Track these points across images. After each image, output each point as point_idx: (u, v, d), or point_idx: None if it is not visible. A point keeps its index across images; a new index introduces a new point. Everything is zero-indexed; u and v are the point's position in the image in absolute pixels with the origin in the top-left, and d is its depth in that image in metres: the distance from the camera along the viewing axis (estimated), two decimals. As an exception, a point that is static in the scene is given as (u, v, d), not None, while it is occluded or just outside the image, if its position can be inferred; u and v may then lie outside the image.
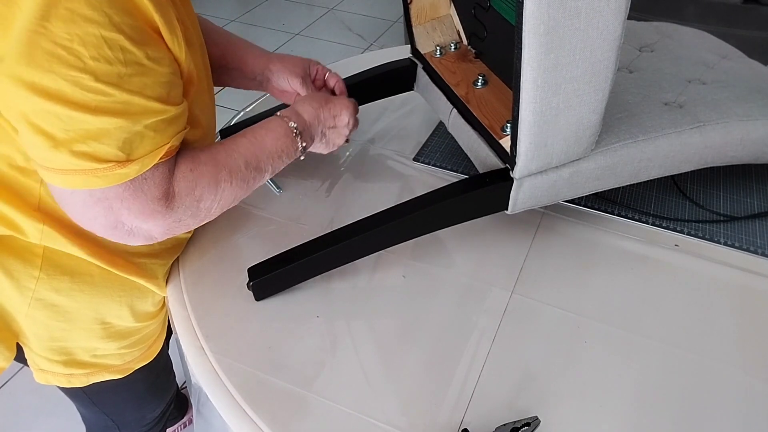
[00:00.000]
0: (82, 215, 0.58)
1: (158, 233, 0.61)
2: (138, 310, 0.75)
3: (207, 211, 0.63)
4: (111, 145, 0.52)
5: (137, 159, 0.54)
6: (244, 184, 0.66)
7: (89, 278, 0.69)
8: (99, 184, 0.54)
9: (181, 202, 0.60)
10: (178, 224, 0.61)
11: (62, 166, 0.52)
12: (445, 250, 0.80)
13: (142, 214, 0.57)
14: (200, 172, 0.62)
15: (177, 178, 0.60)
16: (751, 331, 0.70)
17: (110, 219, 0.57)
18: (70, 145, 0.51)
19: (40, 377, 0.75)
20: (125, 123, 0.52)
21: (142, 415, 0.97)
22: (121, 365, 0.80)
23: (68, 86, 0.49)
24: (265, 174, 0.68)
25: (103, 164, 0.53)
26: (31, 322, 0.69)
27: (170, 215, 0.59)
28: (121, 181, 0.55)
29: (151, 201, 0.57)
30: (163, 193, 0.58)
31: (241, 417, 0.62)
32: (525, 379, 0.65)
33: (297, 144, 0.71)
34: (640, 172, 0.75)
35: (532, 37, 0.56)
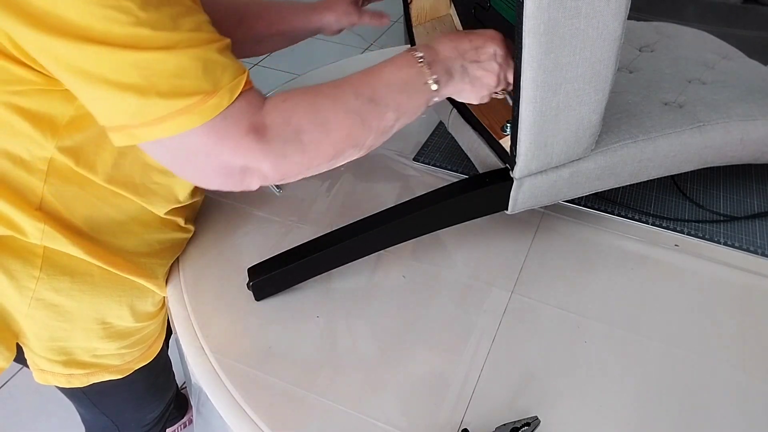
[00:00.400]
0: (193, 167, 0.56)
1: (268, 170, 0.56)
2: (138, 310, 0.75)
3: (315, 145, 0.57)
4: (194, 78, 0.51)
5: (224, 87, 0.53)
6: (357, 117, 0.58)
7: (89, 278, 0.69)
8: (197, 122, 0.52)
9: (277, 133, 0.55)
10: (285, 160, 0.56)
11: (156, 114, 0.51)
12: (445, 250, 0.80)
13: (239, 148, 0.54)
14: (295, 101, 0.57)
15: (267, 110, 0.56)
16: (751, 331, 0.70)
17: (216, 162, 0.55)
18: (156, 87, 0.50)
19: (39, 377, 0.75)
20: (198, 52, 0.51)
21: (142, 416, 0.97)
22: (121, 365, 0.80)
23: (131, 39, 0.49)
24: (386, 109, 0.60)
25: (193, 98, 0.51)
26: (31, 322, 0.69)
27: (269, 149, 0.55)
28: (217, 112, 0.52)
29: (242, 135, 0.54)
30: (251, 126, 0.54)
31: (241, 417, 0.62)
32: (525, 379, 0.65)
33: (425, 76, 0.61)
34: (640, 172, 0.75)
35: (532, 37, 0.56)
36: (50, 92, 0.56)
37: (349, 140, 0.59)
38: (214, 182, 0.57)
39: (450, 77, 0.63)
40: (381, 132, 0.61)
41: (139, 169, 0.67)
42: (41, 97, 0.56)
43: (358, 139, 0.60)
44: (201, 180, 0.58)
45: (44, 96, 0.56)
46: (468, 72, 0.64)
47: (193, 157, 0.55)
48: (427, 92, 0.62)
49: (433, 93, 0.62)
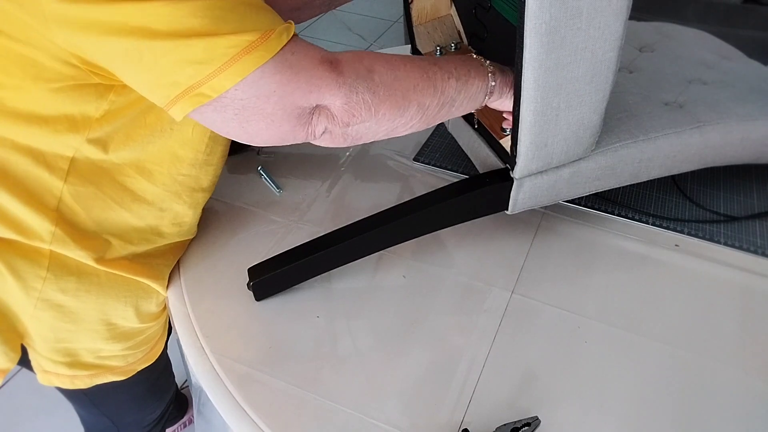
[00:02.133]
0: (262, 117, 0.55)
1: (338, 108, 0.57)
2: (142, 311, 0.75)
3: (386, 87, 0.58)
4: (250, 18, 0.52)
5: (279, 27, 0.53)
6: (423, 73, 0.60)
7: (95, 279, 0.69)
8: (264, 57, 0.52)
9: (351, 68, 0.57)
10: (357, 97, 0.57)
11: (223, 57, 0.50)
12: (445, 250, 0.80)
13: (313, 79, 0.54)
14: (363, 52, 0.60)
15: (339, 52, 0.57)
16: (751, 331, 0.70)
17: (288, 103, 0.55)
18: (219, 28, 0.50)
19: (43, 379, 0.75)
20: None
21: (142, 417, 0.97)
22: (125, 367, 0.80)
23: None
24: (450, 75, 0.62)
25: (255, 34, 0.51)
26: (36, 322, 0.69)
27: (343, 80, 0.56)
28: (281, 46, 0.53)
29: (316, 65, 0.55)
30: (324, 58, 0.56)
31: (241, 417, 0.62)
32: (525, 379, 0.65)
33: (480, 60, 0.65)
34: (640, 172, 0.75)
35: (533, 36, 0.56)
36: (84, 87, 0.56)
37: (416, 93, 0.60)
38: (283, 129, 0.57)
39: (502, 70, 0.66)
40: (445, 100, 0.62)
41: (168, 159, 0.67)
42: (76, 93, 0.56)
43: (425, 96, 0.61)
44: (271, 133, 0.57)
45: (79, 91, 0.56)
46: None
47: (264, 102, 0.54)
48: (485, 74, 0.64)
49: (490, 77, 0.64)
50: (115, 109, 0.59)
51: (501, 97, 0.66)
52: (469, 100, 0.64)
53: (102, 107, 0.58)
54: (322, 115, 0.57)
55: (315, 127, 0.57)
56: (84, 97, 0.57)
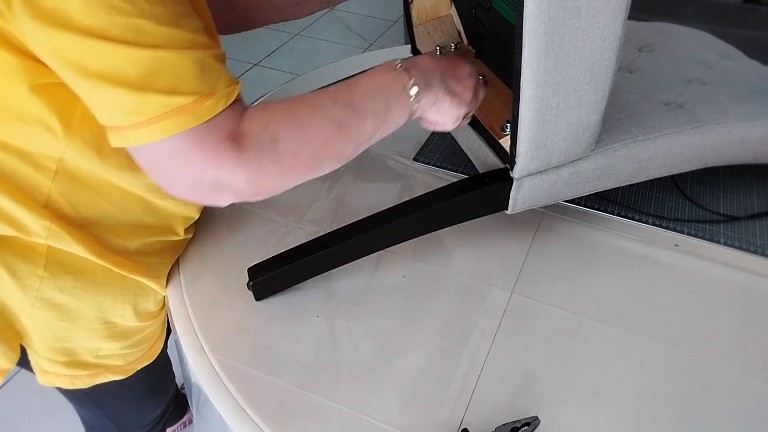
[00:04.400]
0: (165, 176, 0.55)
1: (242, 184, 0.54)
2: (141, 309, 0.75)
3: (293, 155, 0.56)
4: (191, 79, 0.51)
5: (220, 92, 0.52)
6: (334, 123, 0.57)
7: (92, 277, 0.69)
8: (192, 122, 0.51)
9: (254, 141, 0.54)
10: (261, 171, 0.54)
11: (151, 112, 0.50)
12: (445, 250, 0.80)
13: (213, 158, 0.52)
14: (274, 108, 0.56)
15: (245, 118, 0.54)
16: (751, 331, 0.70)
17: (189, 174, 0.54)
18: (152, 84, 0.49)
19: (43, 379, 0.75)
20: (196, 55, 0.51)
21: (143, 416, 0.97)
22: (124, 366, 0.80)
23: (133, 33, 0.48)
24: (365, 115, 0.59)
25: (189, 97, 0.50)
26: (34, 322, 0.69)
27: (245, 159, 0.53)
28: (212, 115, 0.51)
29: (218, 143, 0.52)
30: (229, 133, 0.53)
31: (241, 417, 0.62)
32: (525, 379, 0.65)
33: (404, 80, 0.60)
34: (640, 172, 0.75)
35: (533, 36, 0.56)
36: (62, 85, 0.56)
37: (328, 149, 0.58)
38: (184, 192, 0.56)
39: (428, 85, 0.62)
40: (360, 141, 0.60)
41: None
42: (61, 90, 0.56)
43: (338, 149, 0.58)
44: (174, 188, 0.56)
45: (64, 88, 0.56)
46: (447, 85, 0.64)
47: (167, 164, 0.54)
48: (406, 98, 0.61)
49: (412, 100, 0.61)
50: None
51: (425, 113, 0.64)
52: (389, 129, 0.62)
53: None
54: (226, 190, 0.55)
55: (219, 199, 0.56)
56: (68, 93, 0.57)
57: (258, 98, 1.07)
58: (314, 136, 0.56)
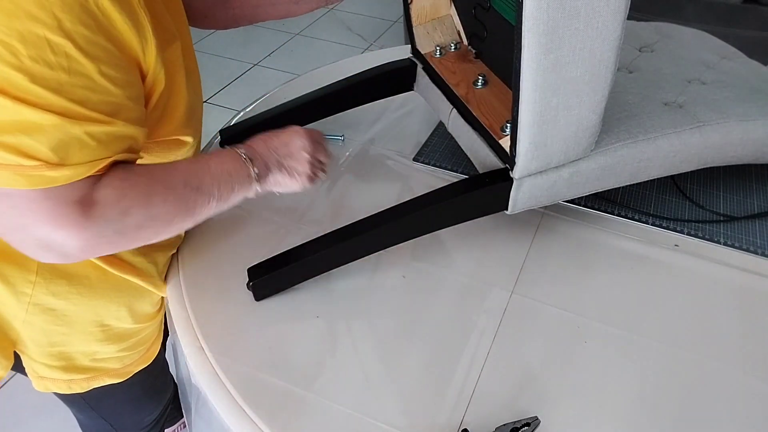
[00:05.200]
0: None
1: (73, 248, 0.53)
2: (136, 311, 0.75)
3: (136, 229, 0.56)
4: (43, 143, 0.48)
5: (71, 165, 0.50)
6: (182, 204, 0.59)
7: (86, 280, 0.69)
8: (21, 184, 0.48)
9: (103, 212, 0.53)
10: (100, 240, 0.54)
11: None
12: (445, 250, 0.80)
13: (54, 221, 0.50)
14: (132, 182, 0.56)
15: (101, 186, 0.53)
16: (751, 331, 0.70)
17: (15, 222, 0.51)
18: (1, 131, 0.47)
19: (39, 385, 0.75)
20: (63, 123, 0.48)
21: (140, 418, 0.97)
22: (121, 369, 0.80)
23: (3, 81, 0.46)
24: (211, 198, 0.62)
25: (31, 162, 0.48)
26: (29, 328, 0.68)
27: (89, 227, 0.52)
28: (47, 186, 0.49)
29: (64, 205, 0.50)
30: (80, 199, 0.51)
31: (240, 417, 0.62)
32: (525, 379, 0.65)
33: (248, 168, 0.65)
34: (640, 172, 0.75)
35: (532, 37, 0.56)
36: None
37: (170, 225, 0.60)
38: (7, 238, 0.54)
39: (268, 170, 0.67)
40: (199, 218, 0.62)
41: None
42: None
43: (179, 225, 0.61)
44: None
45: None
46: (284, 164, 0.69)
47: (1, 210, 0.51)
48: (250, 183, 0.65)
49: (255, 184, 0.66)
50: None
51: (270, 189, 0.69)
52: (224, 207, 0.65)
53: None
54: (52, 251, 0.53)
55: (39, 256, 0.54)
56: None
57: (258, 98, 1.07)
58: (161, 213, 0.58)
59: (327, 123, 0.96)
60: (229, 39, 2.94)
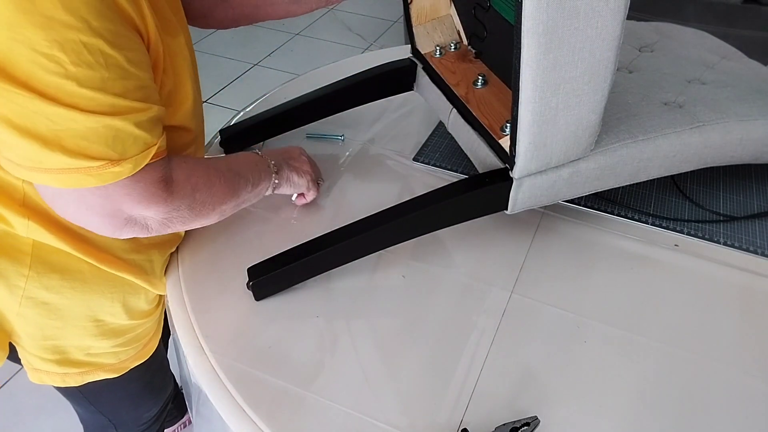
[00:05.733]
0: (76, 213, 0.59)
1: (155, 222, 0.61)
2: (131, 308, 0.75)
3: (202, 204, 0.64)
4: (102, 144, 0.52)
5: (130, 158, 0.54)
6: (231, 185, 0.68)
7: (79, 275, 0.69)
8: (93, 183, 0.54)
9: (180, 188, 0.61)
10: (176, 213, 0.62)
11: (55, 165, 0.52)
12: (445, 250, 0.80)
13: (145, 199, 0.58)
14: (193, 163, 0.64)
15: (173, 166, 0.61)
16: (751, 331, 0.70)
17: (107, 209, 0.58)
18: (62, 142, 0.51)
19: (34, 377, 0.75)
20: (113, 122, 0.52)
21: (139, 415, 0.97)
22: (116, 364, 0.80)
23: (53, 90, 0.49)
24: (248, 183, 0.71)
25: (96, 162, 0.52)
26: (22, 320, 0.69)
27: (171, 202, 0.60)
28: (115, 180, 0.55)
29: (153, 184, 0.58)
30: (162, 177, 0.59)
31: (240, 417, 0.62)
32: (525, 379, 0.65)
33: (267, 160, 0.75)
34: (639, 172, 0.75)
35: (531, 36, 0.56)
36: None
37: (222, 204, 0.68)
38: (92, 226, 0.61)
39: (280, 167, 0.77)
40: (239, 202, 0.71)
41: None
42: None
43: (227, 204, 0.69)
44: (81, 223, 0.61)
45: None
46: (291, 165, 0.79)
47: (84, 206, 0.57)
48: (270, 173, 0.75)
49: (274, 177, 0.76)
50: None
51: (281, 187, 0.78)
52: (256, 196, 0.74)
53: None
54: (136, 225, 0.61)
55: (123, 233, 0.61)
56: None
57: (258, 98, 1.07)
58: (218, 192, 0.66)
59: (327, 123, 0.96)
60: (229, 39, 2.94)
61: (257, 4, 0.85)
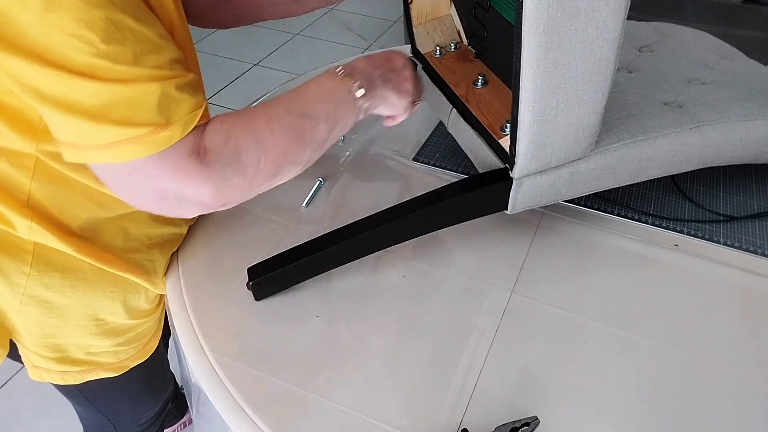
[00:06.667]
0: (127, 191, 0.57)
1: (206, 196, 0.57)
2: (131, 307, 0.75)
3: (255, 166, 0.58)
4: (147, 110, 0.52)
5: (178, 120, 0.54)
6: (292, 133, 0.60)
7: (80, 274, 0.69)
8: (145, 151, 0.53)
9: (217, 156, 0.56)
10: (225, 184, 0.57)
11: (105, 140, 0.52)
12: (445, 250, 0.80)
13: (178, 175, 0.55)
14: (232, 122, 0.59)
15: (206, 134, 0.57)
16: (751, 331, 0.70)
17: (152, 188, 0.56)
18: (108, 115, 0.51)
19: (34, 374, 0.75)
20: (154, 87, 0.52)
21: (138, 414, 0.97)
22: (116, 363, 0.80)
23: (90, 69, 0.49)
24: (318, 122, 0.62)
25: (145, 129, 0.52)
26: (23, 318, 0.69)
27: (211, 173, 0.56)
28: (167, 145, 0.53)
29: (182, 160, 0.55)
30: (192, 150, 0.55)
31: (240, 417, 0.62)
32: (525, 379, 0.65)
33: (347, 84, 0.64)
34: (639, 172, 0.75)
35: (532, 36, 0.56)
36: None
37: (287, 156, 0.61)
38: (149, 206, 0.59)
39: (372, 84, 0.66)
40: (316, 146, 0.63)
41: None
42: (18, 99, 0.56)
43: (295, 155, 0.61)
44: (136, 203, 0.59)
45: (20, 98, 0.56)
46: (389, 80, 0.68)
47: (129, 179, 0.56)
48: (353, 100, 0.65)
49: (360, 100, 0.65)
50: None
51: (376, 110, 0.68)
52: (341, 130, 0.65)
53: None
54: (191, 204, 0.58)
55: (185, 212, 0.59)
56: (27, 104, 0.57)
57: (258, 98, 1.07)
58: (273, 146, 0.59)
59: (327, 123, 0.96)
60: (229, 39, 2.94)
61: (258, 4, 0.85)
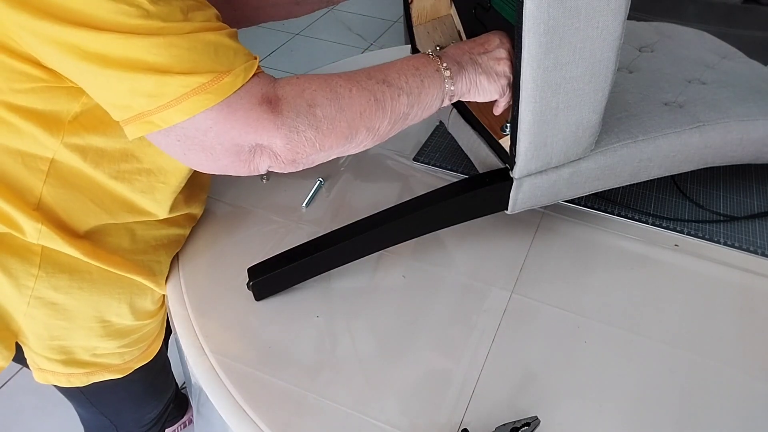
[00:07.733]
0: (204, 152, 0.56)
1: (279, 147, 0.56)
2: (138, 308, 0.75)
3: (329, 121, 0.57)
4: (207, 58, 0.52)
5: (237, 67, 0.53)
6: (369, 95, 0.58)
7: (88, 276, 0.69)
8: (213, 100, 0.52)
9: (291, 106, 0.55)
10: (298, 137, 0.56)
11: (173, 94, 0.51)
12: (445, 250, 0.80)
13: (251, 125, 0.54)
14: (308, 77, 0.58)
15: (280, 84, 0.56)
16: (751, 331, 0.70)
17: (227, 144, 0.55)
18: (172, 67, 0.51)
19: (39, 377, 0.75)
20: (209, 37, 0.52)
21: (140, 416, 0.97)
22: (121, 365, 0.80)
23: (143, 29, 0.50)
24: (400, 92, 0.60)
25: (208, 76, 0.52)
26: (30, 320, 0.69)
27: (283, 122, 0.55)
28: (232, 91, 0.53)
29: (252, 108, 0.54)
30: (264, 97, 0.55)
31: (241, 417, 0.62)
32: (525, 379, 0.65)
33: (436, 64, 0.62)
34: (640, 172, 0.75)
35: (532, 36, 0.56)
36: (55, 89, 0.56)
37: (363, 120, 0.59)
38: (223, 164, 0.57)
39: (461, 68, 0.64)
40: (396, 117, 0.61)
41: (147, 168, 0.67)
42: (46, 95, 0.56)
43: (373, 120, 0.59)
44: (211, 164, 0.58)
45: (49, 93, 0.56)
46: (480, 63, 0.64)
47: (203, 135, 0.54)
48: (440, 80, 0.62)
49: (445, 80, 0.62)
50: (88, 110, 0.59)
51: (464, 96, 0.65)
52: (424, 110, 0.63)
53: (73, 109, 0.58)
54: (264, 154, 0.57)
55: (258, 165, 0.58)
56: (54, 99, 0.57)
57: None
58: (350, 105, 0.58)
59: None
60: (229, 39, 2.94)
61: (258, 5, 0.84)
